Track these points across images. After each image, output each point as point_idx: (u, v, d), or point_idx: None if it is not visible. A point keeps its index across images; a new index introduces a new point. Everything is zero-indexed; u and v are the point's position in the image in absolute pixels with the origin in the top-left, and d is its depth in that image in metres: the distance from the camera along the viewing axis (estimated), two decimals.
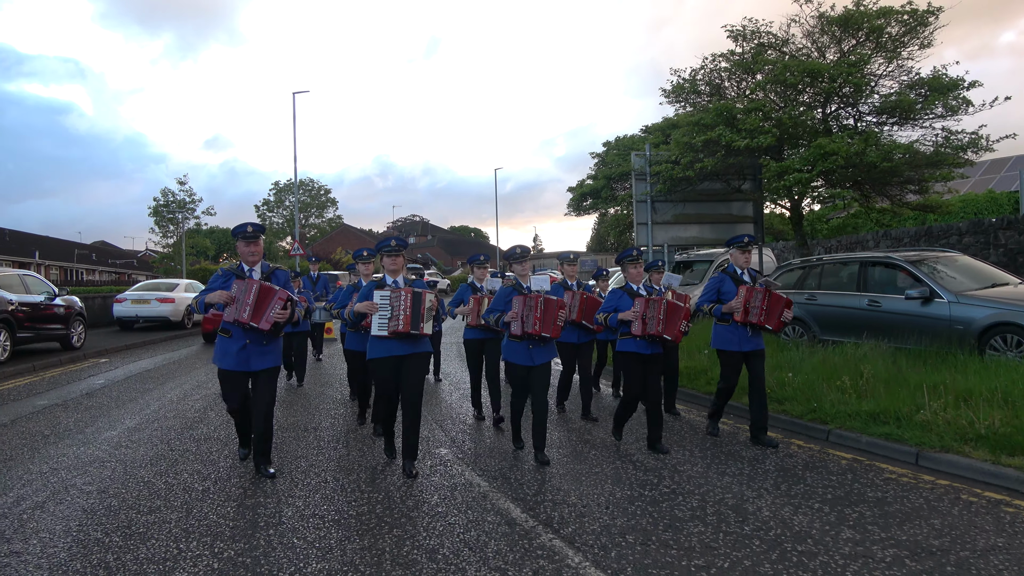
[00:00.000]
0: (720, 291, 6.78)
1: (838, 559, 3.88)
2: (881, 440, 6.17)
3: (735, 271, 6.82)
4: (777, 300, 6.55)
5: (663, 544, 4.13)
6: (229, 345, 5.49)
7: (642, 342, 6.34)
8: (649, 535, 4.26)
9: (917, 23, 11.17)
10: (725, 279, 6.82)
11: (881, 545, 4.06)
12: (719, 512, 4.67)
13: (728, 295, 6.69)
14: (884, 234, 18.51)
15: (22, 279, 13.99)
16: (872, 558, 3.87)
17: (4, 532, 4.45)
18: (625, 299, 6.47)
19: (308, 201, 79.27)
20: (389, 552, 4.09)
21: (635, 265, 6.54)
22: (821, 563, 3.83)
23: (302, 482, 5.48)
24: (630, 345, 6.41)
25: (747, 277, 6.76)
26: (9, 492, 5.29)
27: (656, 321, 6.20)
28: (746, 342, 6.59)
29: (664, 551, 4.02)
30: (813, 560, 3.87)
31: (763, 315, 6.48)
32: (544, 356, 6.10)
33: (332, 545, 4.20)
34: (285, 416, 8.03)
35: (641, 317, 6.23)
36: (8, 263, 40.89)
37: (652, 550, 4.04)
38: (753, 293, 6.49)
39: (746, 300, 6.49)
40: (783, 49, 12.02)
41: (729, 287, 6.73)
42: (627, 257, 6.63)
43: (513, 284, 6.22)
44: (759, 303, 6.48)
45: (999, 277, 9.43)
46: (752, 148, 10.52)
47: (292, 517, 4.67)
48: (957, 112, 10.54)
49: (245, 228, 5.54)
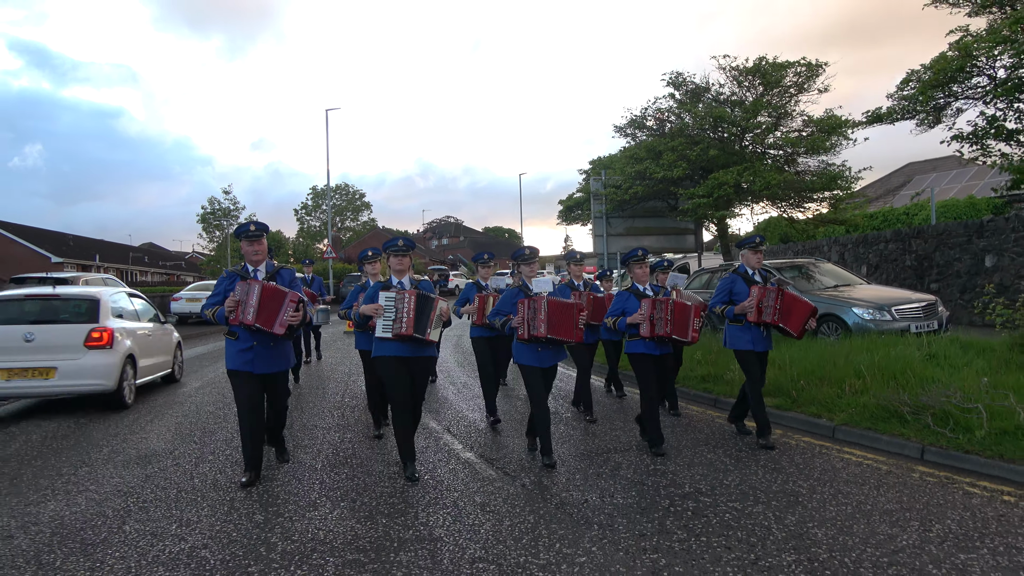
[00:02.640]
0: (732, 292, 6.66)
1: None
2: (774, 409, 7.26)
3: (747, 271, 6.70)
4: (793, 301, 6.44)
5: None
6: (237, 347, 5.37)
7: (651, 343, 6.28)
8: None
9: (811, 74, 13.86)
10: (737, 279, 6.70)
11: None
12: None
13: (740, 296, 6.58)
14: (833, 240, 21.02)
15: (105, 282, 17.55)
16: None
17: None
18: (632, 300, 6.36)
19: (344, 205, 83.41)
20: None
21: (640, 265, 6.48)
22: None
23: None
24: (639, 347, 6.34)
25: (759, 277, 6.67)
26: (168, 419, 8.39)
27: (664, 322, 6.12)
28: (760, 342, 6.52)
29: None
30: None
31: (776, 315, 6.36)
32: (552, 359, 6.01)
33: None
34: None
35: (649, 318, 6.14)
36: (74, 265, 45.38)
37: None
38: (766, 293, 6.39)
39: (759, 300, 6.37)
40: (707, 94, 14.86)
41: (741, 288, 6.61)
42: (632, 257, 6.57)
43: (520, 285, 6.14)
44: (772, 302, 6.36)
45: (849, 279, 12.11)
46: (667, 179, 13.42)
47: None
48: (836, 148, 13.25)
49: (248, 227, 5.46)
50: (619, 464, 5.89)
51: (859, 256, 19.74)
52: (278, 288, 5.22)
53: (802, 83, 13.83)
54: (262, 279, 5.35)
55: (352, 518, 4.65)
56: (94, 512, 4.83)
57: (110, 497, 5.16)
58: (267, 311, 5.15)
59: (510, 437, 6.95)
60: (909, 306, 10.55)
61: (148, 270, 62.52)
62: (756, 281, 6.56)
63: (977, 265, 15.11)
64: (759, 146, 14.29)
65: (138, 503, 5.01)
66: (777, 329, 6.48)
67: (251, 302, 5.11)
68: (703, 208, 13.45)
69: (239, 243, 5.53)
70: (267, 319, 5.14)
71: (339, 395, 9.47)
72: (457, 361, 12.62)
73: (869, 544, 4.01)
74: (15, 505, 5.04)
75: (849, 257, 20.39)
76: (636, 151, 14.37)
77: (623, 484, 5.31)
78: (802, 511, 4.58)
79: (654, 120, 15.52)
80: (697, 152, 13.32)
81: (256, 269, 5.47)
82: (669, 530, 4.32)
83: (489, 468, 5.87)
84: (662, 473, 5.58)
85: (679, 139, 13.81)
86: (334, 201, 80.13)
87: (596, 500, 4.92)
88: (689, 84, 14.73)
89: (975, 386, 6.46)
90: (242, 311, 5.14)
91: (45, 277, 16.38)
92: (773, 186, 12.97)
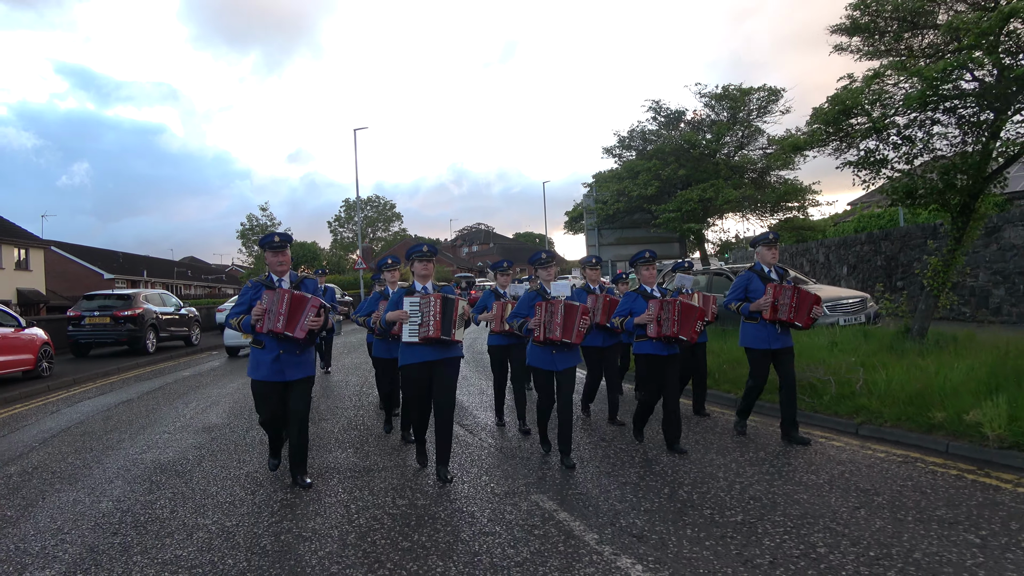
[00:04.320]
0: (748, 289, 6.70)
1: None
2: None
3: (762, 269, 6.71)
4: (806, 297, 6.46)
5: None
6: (263, 356, 5.48)
7: (658, 343, 6.35)
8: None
9: (773, 98, 15.64)
10: (753, 277, 6.72)
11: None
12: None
13: (756, 293, 6.61)
14: (820, 243, 22.60)
15: (160, 296, 20.04)
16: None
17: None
18: (639, 301, 6.44)
19: (375, 216, 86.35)
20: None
21: (648, 267, 6.50)
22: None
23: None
24: (646, 347, 6.42)
25: (774, 275, 6.68)
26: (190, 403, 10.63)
27: (671, 322, 6.18)
28: (775, 340, 6.53)
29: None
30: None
31: (792, 312, 6.40)
32: (568, 361, 6.06)
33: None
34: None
35: (656, 319, 6.21)
36: (124, 281, 48.70)
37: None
38: (782, 291, 6.42)
39: (775, 297, 6.40)
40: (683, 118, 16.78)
41: (757, 285, 6.64)
42: (640, 259, 6.61)
43: (537, 289, 6.22)
44: (788, 300, 6.38)
45: (798, 279, 13.89)
46: (643, 196, 15.35)
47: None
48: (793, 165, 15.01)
49: (272, 238, 5.55)
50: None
51: (841, 257, 21.29)
52: (303, 295, 5.38)
53: (764, 105, 15.63)
54: (288, 288, 5.48)
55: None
56: (180, 457, 6.97)
57: (189, 449, 7.31)
58: (294, 318, 5.31)
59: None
60: (840, 303, 12.29)
61: (192, 283, 65.81)
62: (772, 279, 6.61)
63: None
64: (725, 165, 16.10)
65: (209, 452, 7.15)
66: (790, 325, 6.51)
67: (281, 310, 5.27)
68: (673, 222, 15.41)
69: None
70: (293, 326, 5.30)
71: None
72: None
73: (732, 470, 5.92)
74: (130, 451, 7.24)
75: (833, 258, 21.93)
76: (619, 171, 16.38)
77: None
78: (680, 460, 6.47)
79: (638, 141, 17.45)
80: (668, 172, 15.22)
81: (281, 279, 5.60)
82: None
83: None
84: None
85: (653, 160, 15.74)
86: (366, 213, 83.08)
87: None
88: (666, 111, 16.68)
89: (842, 364, 8.27)
90: (270, 319, 5.28)
91: (110, 293, 18.92)
92: (732, 201, 14.82)
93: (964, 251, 9.51)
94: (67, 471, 6.58)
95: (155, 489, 5.85)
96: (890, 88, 8.93)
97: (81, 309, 17.79)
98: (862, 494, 4.98)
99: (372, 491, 5.55)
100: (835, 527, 4.35)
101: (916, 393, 6.85)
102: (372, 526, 4.73)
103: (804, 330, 6.73)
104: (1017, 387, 6.35)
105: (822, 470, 5.64)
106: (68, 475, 6.44)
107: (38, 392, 12.41)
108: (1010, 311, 14.47)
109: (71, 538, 4.74)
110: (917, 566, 3.74)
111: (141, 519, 5.08)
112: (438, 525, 4.71)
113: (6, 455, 7.42)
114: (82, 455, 7.23)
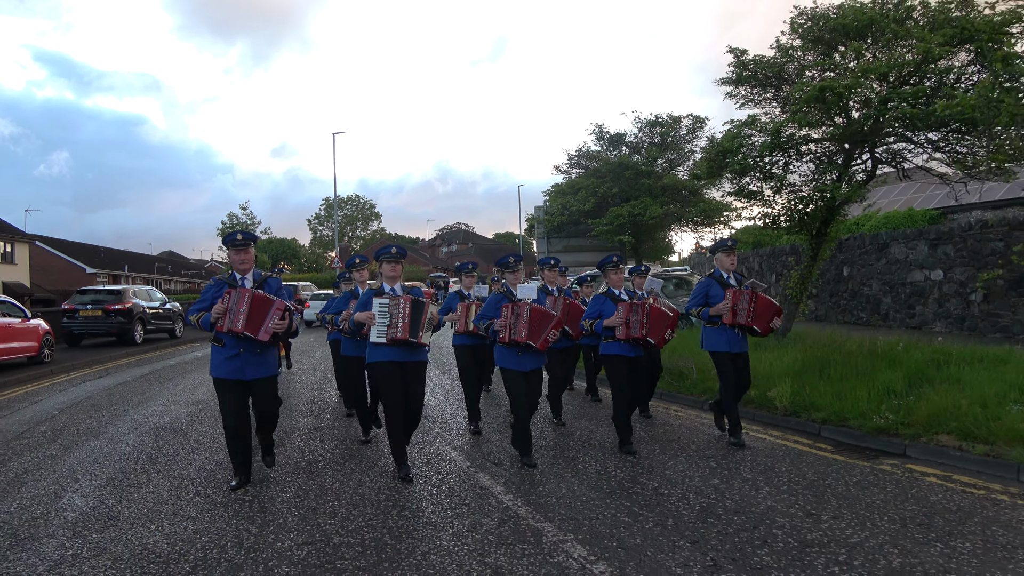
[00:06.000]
0: (708, 295, 6.84)
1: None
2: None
3: (721, 275, 6.88)
4: (766, 304, 6.66)
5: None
6: (223, 354, 5.47)
7: (626, 345, 6.48)
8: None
9: (699, 125, 17.87)
10: (712, 283, 6.88)
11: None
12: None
13: (715, 299, 6.75)
14: (756, 252, 24.81)
15: (147, 292, 21.82)
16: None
17: None
18: (608, 304, 6.56)
19: (354, 215, 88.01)
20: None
21: (616, 271, 6.65)
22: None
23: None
24: (614, 348, 6.55)
25: (733, 280, 6.84)
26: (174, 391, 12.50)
27: (640, 324, 6.34)
28: (735, 344, 6.73)
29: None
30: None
31: (751, 316, 6.58)
32: (534, 363, 6.18)
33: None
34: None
35: (625, 321, 6.35)
36: (106, 276, 50.05)
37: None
38: (740, 296, 6.60)
39: (734, 302, 6.58)
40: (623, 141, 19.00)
41: (716, 291, 6.79)
42: (608, 263, 6.74)
43: (504, 292, 6.28)
44: (746, 305, 6.58)
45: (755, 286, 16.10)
46: (580, 211, 17.56)
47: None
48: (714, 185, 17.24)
49: (235, 236, 5.52)
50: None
51: (771, 266, 23.57)
52: (267, 296, 5.34)
53: (693, 131, 17.85)
54: (250, 287, 5.45)
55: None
56: (175, 421, 8.90)
57: (182, 416, 9.24)
58: (256, 319, 5.27)
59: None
60: None
61: (171, 278, 66.85)
62: (731, 284, 6.80)
63: (839, 274, 18.96)
64: (656, 185, 18.32)
65: (198, 418, 9.08)
66: (748, 330, 6.73)
67: (241, 310, 5.24)
68: (606, 235, 17.68)
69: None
70: (255, 326, 5.26)
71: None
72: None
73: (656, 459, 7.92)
74: (135, 417, 9.18)
75: (765, 266, 24.20)
76: (564, 187, 18.60)
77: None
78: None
79: (584, 160, 19.61)
80: (604, 189, 17.38)
81: (244, 277, 5.57)
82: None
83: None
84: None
85: (592, 178, 17.90)
86: (345, 211, 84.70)
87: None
88: (607, 134, 18.87)
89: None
90: (231, 318, 5.26)
91: (101, 289, 20.69)
92: (658, 216, 17.05)
93: (818, 267, 11.68)
94: (88, 428, 8.50)
95: (160, 439, 7.80)
96: (755, 135, 11.09)
97: (75, 303, 19.53)
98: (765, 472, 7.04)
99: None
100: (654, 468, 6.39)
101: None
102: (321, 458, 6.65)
103: (763, 336, 7.03)
104: (809, 372, 8.49)
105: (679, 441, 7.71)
106: (90, 431, 8.35)
107: (43, 375, 14.20)
108: (895, 316, 16.76)
109: (104, 465, 6.69)
110: (706, 489, 5.81)
111: (152, 455, 7.04)
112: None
113: (34, 420, 9.30)
114: (96, 419, 9.13)
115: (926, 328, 15.38)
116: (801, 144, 10.66)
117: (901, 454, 6.40)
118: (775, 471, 5.96)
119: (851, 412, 7.16)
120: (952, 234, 15.12)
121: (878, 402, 7.17)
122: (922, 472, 5.85)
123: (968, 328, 14.41)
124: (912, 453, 6.35)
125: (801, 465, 6.13)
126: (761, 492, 5.37)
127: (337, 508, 5.28)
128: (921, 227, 17.53)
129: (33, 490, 5.91)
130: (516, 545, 4.45)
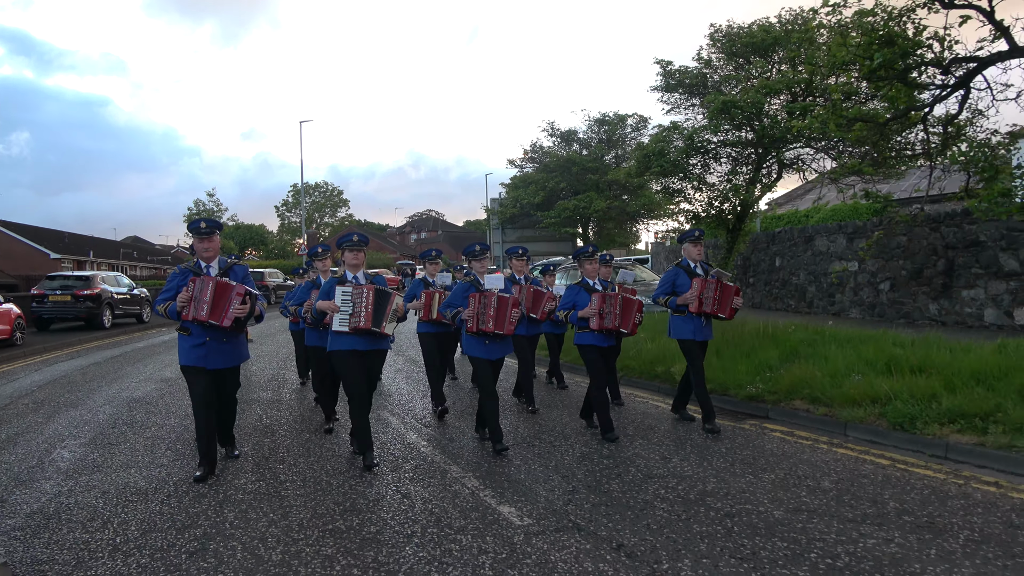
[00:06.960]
0: (675, 284, 7.00)
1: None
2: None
3: (689, 264, 7.04)
4: (728, 290, 6.90)
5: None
6: (189, 342, 5.49)
7: (600, 335, 6.62)
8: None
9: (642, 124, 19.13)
10: (679, 272, 7.03)
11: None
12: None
13: (682, 288, 6.90)
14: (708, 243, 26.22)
15: (116, 278, 22.52)
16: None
17: None
18: (583, 295, 6.68)
19: (322, 202, 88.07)
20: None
21: (591, 261, 6.79)
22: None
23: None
24: (588, 338, 6.69)
25: (700, 270, 7.01)
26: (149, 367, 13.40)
27: (613, 316, 6.52)
28: (700, 332, 6.96)
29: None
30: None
31: (716, 304, 6.82)
32: (500, 352, 6.31)
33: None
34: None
35: (599, 312, 6.49)
36: (71, 262, 49.97)
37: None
38: (706, 285, 6.79)
39: (700, 291, 6.75)
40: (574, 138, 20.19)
41: (683, 280, 6.94)
42: (584, 253, 6.88)
43: (471, 281, 6.31)
44: (712, 294, 6.78)
45: (655, 278, 17.31)
46: (530, 203, 18.77)
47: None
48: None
49: (199, 224, 5.51)
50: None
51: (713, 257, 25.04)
52: (227, 283, 5.34)
53: (637, 129, 19.12)
54: (215, 275, 5.43)
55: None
56: (147, 395, 9.89)
57: (153, 391, 10.23)
58: (219, 306, 5.27)
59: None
60: None
61: (137, 264, 66.41)
62: (697, 274, 6.95)
63: (772, 264, 20.43)
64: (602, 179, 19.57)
65: (168, 392, 10.08)
66: (714, 316, 6.96)
67: (205, 298, 5.24)
68: (554, 226, 18.90)
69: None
70: (218, 314, 5.27)
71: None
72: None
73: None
74: (109, 392, 10.14)
75: (711, 256, 25.68)
76: (516, 181, 19.77)
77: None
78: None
79: (538, 155, 20.77)
80: (552, 184, 18.55)
81: (208, 265, 5.55)
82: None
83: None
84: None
85: (542, 173, 19.08)
86: (313, 198, 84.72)
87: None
88: (559, 131, 20.08)
89: (640, 338, 11.62)
90: (195, 307, 5.25)
91: (70, 275, 21.34)
92: (600, 209, 18.31)
93: (735, 259, 12.99)
94: (67, 401, 9.47)
95: (133, 409, 8.82)
96: (677, 139, 12.34)
97: (44, 288, 20.19)
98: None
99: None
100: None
101: (656, 357, 10.20)
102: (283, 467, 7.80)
103: (728, 320, 7.27)
104: (708, 351, 9.76)
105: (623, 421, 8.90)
106: (69, 403, 9.33)
107: (16, 357, 14.98)
108: (818, 303, 18.24)
109: (86, 429, 7.71)
110: (591, 442, 7.02)
111: (128, 421, 8.08)
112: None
113: (15, 395, 10.21)
114: (74, 393, 10.09)
115: (844, 315, 16.85)
116: (718, 148, 11.92)
117: (764, 416, 7.71)
118: (654, 429, 7.21)
119: (731, 383, 8.44)
120: (866, 229, 16.58)
121: (754, 375, 8.46)
122: (772, 428, 7.16)
123: (878, 314, 15.90)
124: (773, 415, 7.66)
125: (678, 426, 7.39)
126: (635, 444, 6.61)
127: (285, 457, 6.41)
128: (840, 222, 18.98)
129: (26, 448, 6.93)
130: (425, 479, 5.63)
